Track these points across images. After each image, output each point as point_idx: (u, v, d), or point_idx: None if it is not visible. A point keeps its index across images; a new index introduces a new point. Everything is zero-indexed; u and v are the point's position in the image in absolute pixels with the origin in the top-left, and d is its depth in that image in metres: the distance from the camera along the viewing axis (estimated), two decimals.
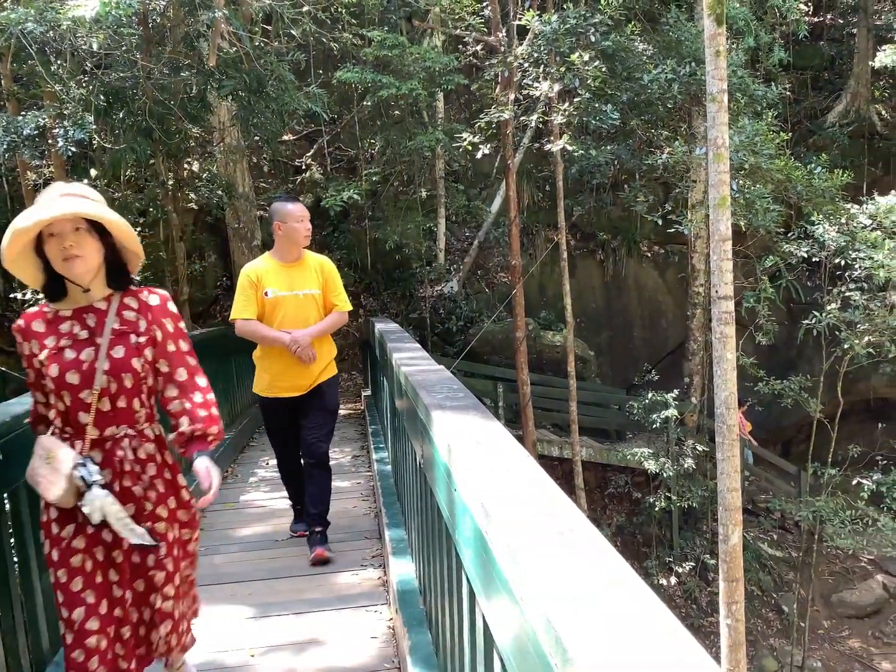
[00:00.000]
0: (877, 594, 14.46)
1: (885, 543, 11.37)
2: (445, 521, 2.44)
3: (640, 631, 1.15)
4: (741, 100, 11.22)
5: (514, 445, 2.25)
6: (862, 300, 11.36)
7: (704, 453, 13.31)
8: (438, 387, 3.27)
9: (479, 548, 1.80)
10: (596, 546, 1.47)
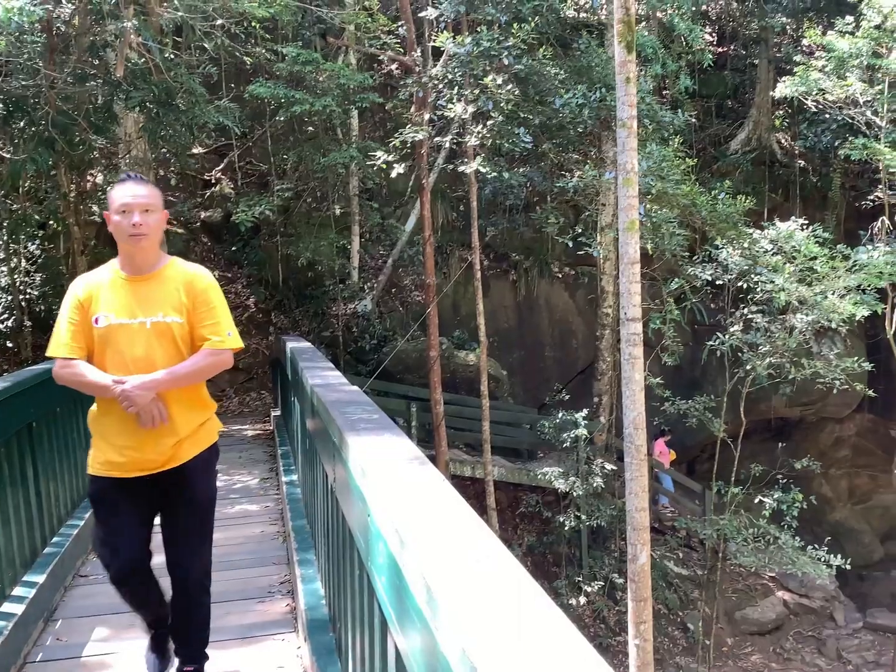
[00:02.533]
0: (778, 610, 14.90)
1: (785, 561, 11.72)
2: (358, 547, 2.38)
3: (555, 660, 1.16)
4: (649, 126, 11.54)
5: (429, 468, 2.21)
6: (763, 322, 11.76)
7: (613, 472, 13.52)
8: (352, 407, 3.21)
9: (393, 576, 1.77)
10: (511, 574, 1.46)
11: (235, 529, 6.41)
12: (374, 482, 2.09)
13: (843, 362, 11.90)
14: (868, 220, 13.05)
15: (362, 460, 2.27)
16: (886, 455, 13.42)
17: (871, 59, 11.28)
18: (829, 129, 15.02)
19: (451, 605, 1.31)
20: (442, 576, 1.42)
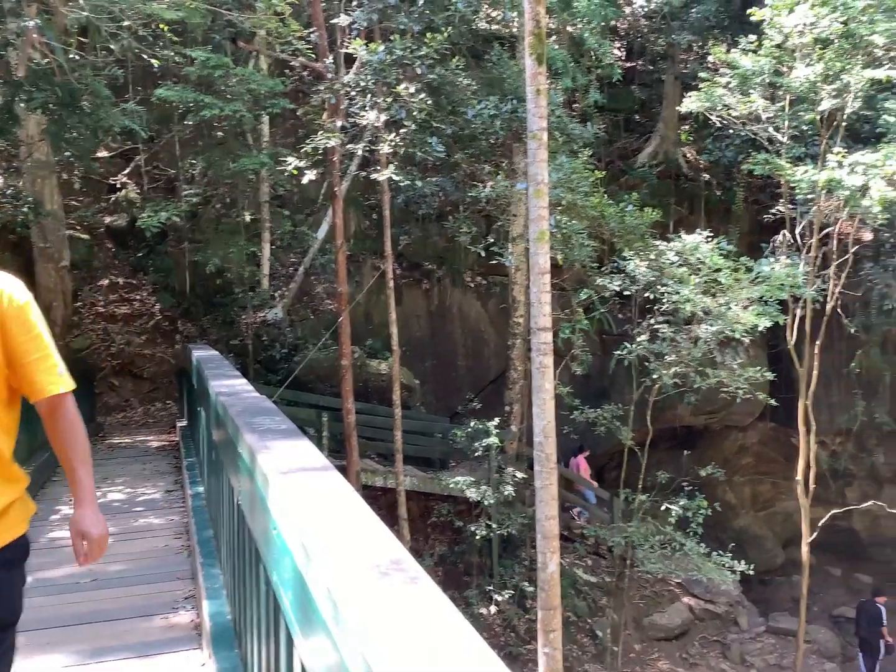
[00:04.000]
0: (684, 616, 15.22)
1: (691, 567, 11.98)
2: (264, 561, 2.30)
3: None
4: (559, 138, 11.70)
5: (337, 479, 2.15)
6: (669, 333, 12.02)
7: (524, 480, 13.60)
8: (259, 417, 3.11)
9: (298, 590, 1.73)
10: (419, 585, 1.44)
11: (138, 543, 6.21)
12: (280, 495, 2.01)
13: (746, 372, 12.26)
14: (770, 234, 13.50)
15: (268, 472, 2.19)
16: (787, 462, 13.89)
17: (772, 76, 11.70)
18: (732, 144, 15.53)
19: (357, 620, 1.28)
20: (348, 591, 1.39)
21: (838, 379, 18.75)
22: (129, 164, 16.70)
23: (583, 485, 16.22)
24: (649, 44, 17.78)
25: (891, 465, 20.26)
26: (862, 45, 11.09)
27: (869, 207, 10.81)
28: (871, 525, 20.22)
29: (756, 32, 11.76)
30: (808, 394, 12.57)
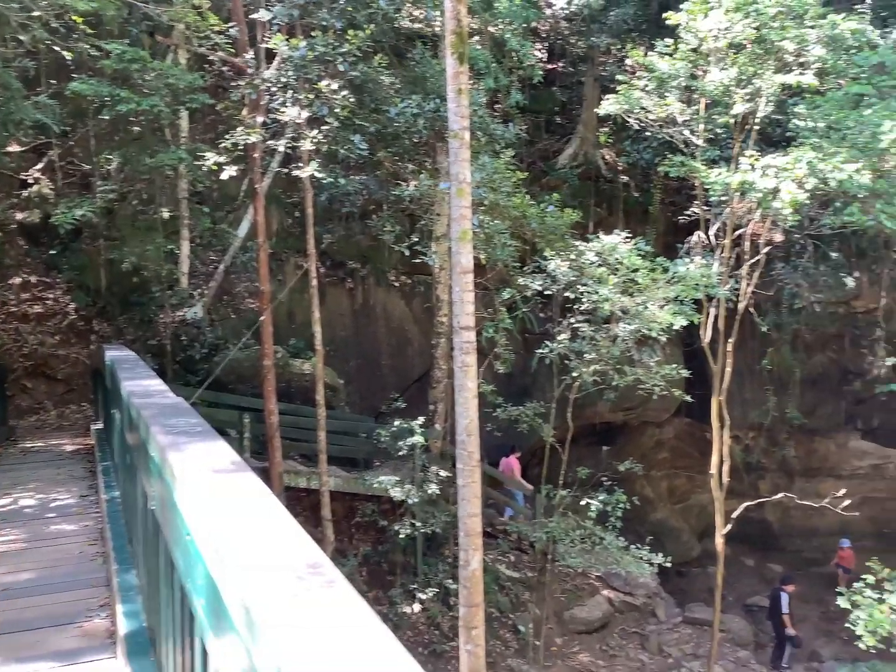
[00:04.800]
0: (604, 609, 15.50)
1: (610, 560, 12.20)
2: (177, 567, 2.25)
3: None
4: (482, 138, 11.77)
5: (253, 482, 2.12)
6: (589, 331, 12.21)
7: (448, 479, 13.64)
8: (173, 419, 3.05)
9: (211, 597, 1.70)
10: (334, 589, 1.42)
11: (51, 550, 6.02)
12: (192, 499, 1.98)
13: (663, 369, 12.54)
14: (685, 234, 13.82)
15: (180, 475, 2.15)
16: (702, 457, 14.27)
17: (688, 80, 11.97)
18: (650, 146, 15.85)
19: (270, 627, 1.27)
20: (261, 597, 1.38)
21: (751, 376, 19.37)
22: (42, 158, 16.15)
23: (512, 486, 16.39)
24: (570, 46, 18.02)
25: (800, 459, 21.05)
26: (773, 50, 11.43)
27: (780, 209, 11.15)
28: (782, 516, 20.95)
29: (672, 36, 12.02)
30: (722, 390, 12.92)
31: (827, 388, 20.77)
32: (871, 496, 21.06)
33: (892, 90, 11.82)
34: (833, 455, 21.54)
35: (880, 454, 21.42)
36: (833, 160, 10.68)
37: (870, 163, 10.98)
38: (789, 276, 16.84)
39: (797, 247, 16.29)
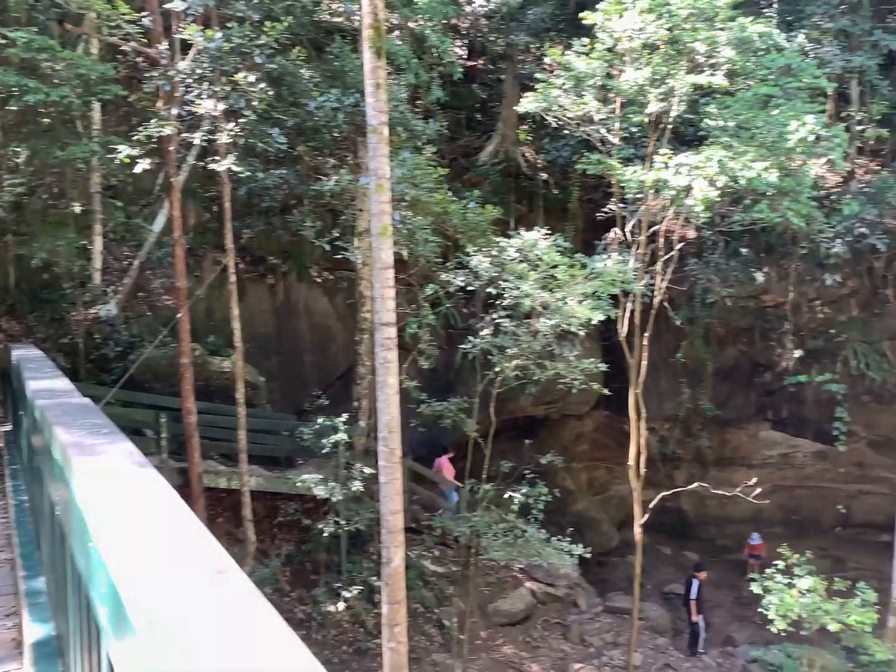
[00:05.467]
0: (527, 601, 15.68)
1: (532, 553, 12.34)
2: (82, 574, 2.19)
3: None
4: (402, 134, 11.74)
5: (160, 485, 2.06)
6: (511, 326, 12.31)
7: (373, 476, 13.59)
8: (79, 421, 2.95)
9: (115, 606, 1.66)
10: (241, 597, 1.40)
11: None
12: (97, 504, 1.92)
13: (582, 363, 12.72)
14: (603, 231, 14.09)
15: (84, 479, 2.08)
16: (621, 448, 14.56)
17: (604, 79, 12.16)
18: (568, 144, 16.06)
19: (173, 635, 1.25)
20: (166, 605, 1.36)
21: (666, 368, 19.84)
22: None
23: (444, 484, 16.44)
24: (489, 43, 18.10)
25: (714, 449, 21.67)
26: (685, 51, 11.70)
27: (692, 206, 11.43)
28: (697, 505, 21.54)
29: (589, 36, 12.19)
30: (639, 383, 13.19)
31: (738, 380, 21.42)
32: (780, 484, 21.81)
33: (797, 92, 12.24)
34: (745, 445, 22.23)
35: (789, 444, 22.19)
36: (742, 159, 11.01)
37: (777, 161, 11.36)
38: (702, 272, 17.29)
39: (709, 243, 16.74)
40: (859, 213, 16.38)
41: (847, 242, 16.71)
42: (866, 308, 18.93)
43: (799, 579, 11.31)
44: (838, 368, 18.58)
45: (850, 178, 17.52)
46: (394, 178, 10.77)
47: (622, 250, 13.01)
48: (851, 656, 14.87)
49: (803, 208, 12.53)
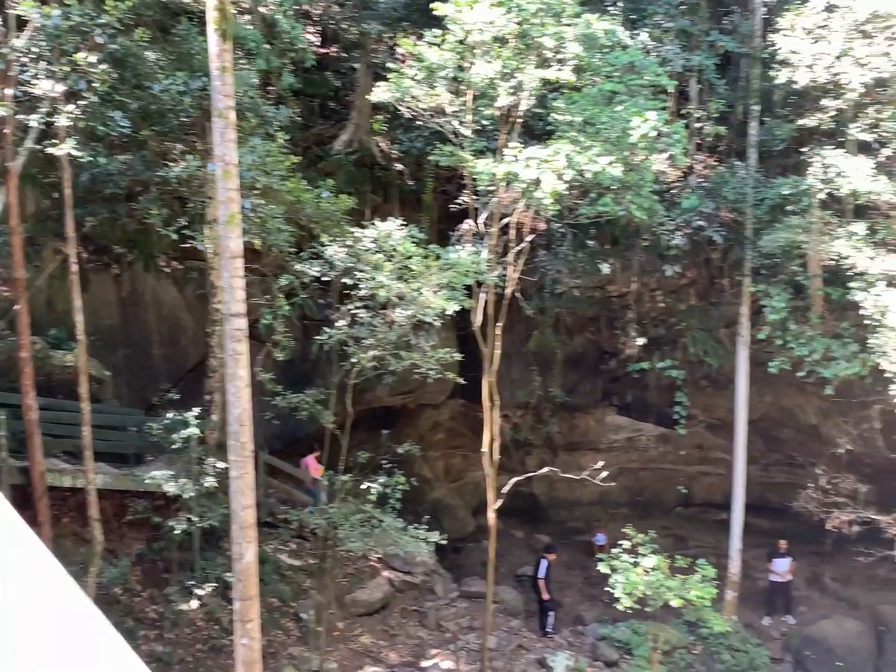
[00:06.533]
0: (384, 590, 15.79)
1: (389, 542, 12.41)
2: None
3: None
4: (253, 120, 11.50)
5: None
6: (367, 317, 12.32)
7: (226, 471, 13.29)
8: None
9: None
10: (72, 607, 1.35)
11: None
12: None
13: (437, 353, 12.88)
14: (457, 222, 14.23)
15: None
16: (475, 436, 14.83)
17: (456, 71, 12.28)
18: (421, 135, 16.15)
19: None
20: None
21: (518, 357, 20.37)
22: None
23: (308, 481, 16.28)
24: (342, 31, 17.94)
25: (563, 434, 22.46)
26: (534, 46, 11.97)
27: (541, 199, 11.73)
28: (548, 489, 22.29)
29: (441, 27, 12.29)
30: (492, 372, 13.47)
31: (586, 368, 22.26)
32: (626, 467, 22.86)
33: (640, 89, 12.76)
34: (592, 430, 23.16)
35: (633, 427, 23.29)
36: (588, 153, 11.39)
37: (621, 156, 11.82)
38: (551, 263, 17.81)
39: (558, 235, 17.22)
40: (698, 206, 17.26)
41: (686, 235, 17.57)
42: (704, 297, 20.03)
43: (643, 558, 11.84)
44: (678, 355, 19.57)
45: (689, 173, 18.42)
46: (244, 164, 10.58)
47: (475, 241, 13.22)
48: (692, 629, 15.83)
49: (645, 202, 13.10)
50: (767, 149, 17.98)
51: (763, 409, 20.81)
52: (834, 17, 14.89)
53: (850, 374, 15.44)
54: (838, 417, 19.96)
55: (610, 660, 15.32)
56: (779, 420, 21.96)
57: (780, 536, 18.67)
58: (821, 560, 20.24)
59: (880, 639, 16.46)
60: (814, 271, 16.68)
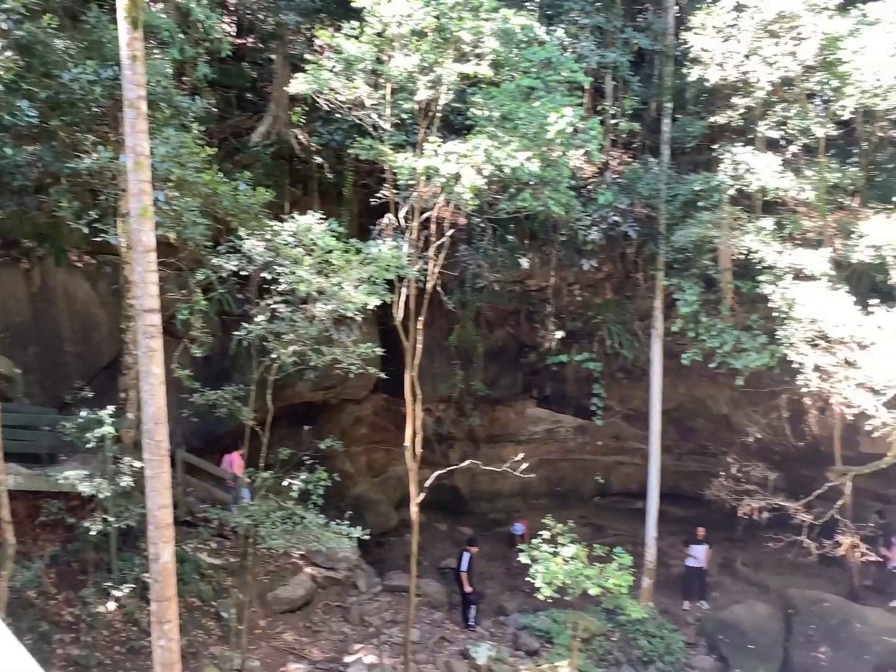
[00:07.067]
0: (307, 586, 15.70)
1: (311, 539, 12.33)
2: None
3: None
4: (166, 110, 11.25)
5: None
6: (287, 312, 12.20)
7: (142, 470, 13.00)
8: None
9: None
10: None
11: None
12: None
13: (359, 348, 12.84)
14: (378, 216, 14.18)
15: None
16: (398, 430, 14.84)
17: (374, 64, 12.22)
18: (341, 128, 16.01)
19: None
20: None
21: (440, 351, 20.47)
22: None
23: (229, 479, 16.05)
24: (259, 21, 17.63)
25: (485, 427, 22.71)
26: (452, 40, 12.00)
27: (461, 194, 11.81)
28: (470, 482, 22.51)
29: (359, 19, 12.22)
30: (414, 366, 13.50)
31: (506, 361, 22.52)
32: (545, 458, 23.26)
33: (557, 85, 12.95)
34: (513, 422, 23.47)
35: (552, 419, 23.70)
36: (507, 148, 11.50)
37: (539, 152, 11.98)
38: (472, 258, 17.91)
39: (478, 230, 17.33)
40: (613, 202, 17.58)
41: (602, 230, 17.88)
42: (619, 291, 20.43)
43: (563, 548, 12.06)
44: (595, 348, 19.93)
45: (605, 169, 18.74)
46: (157, 156, 10.36)
47: (396, 236, 13.22)
48: (611, 617, 16.21)
49: (563, 197, 13.31)
50: (680, 145, 18.43)
51: (677, 399, 21.38)
52: (743, 17, 15.32)
53: (759, 364, 15.96)
54: (748, 407, 20.65)
55: (531, 649, 15.55)
56: (692, 410, 22.62)
57: (694, 524, 19.22)
58: (733, 546, 20.94)
59: (789, 621, 17.07)
60: (724, 265, 17.18)
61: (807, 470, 19.67)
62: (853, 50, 14.39)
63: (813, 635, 16.53)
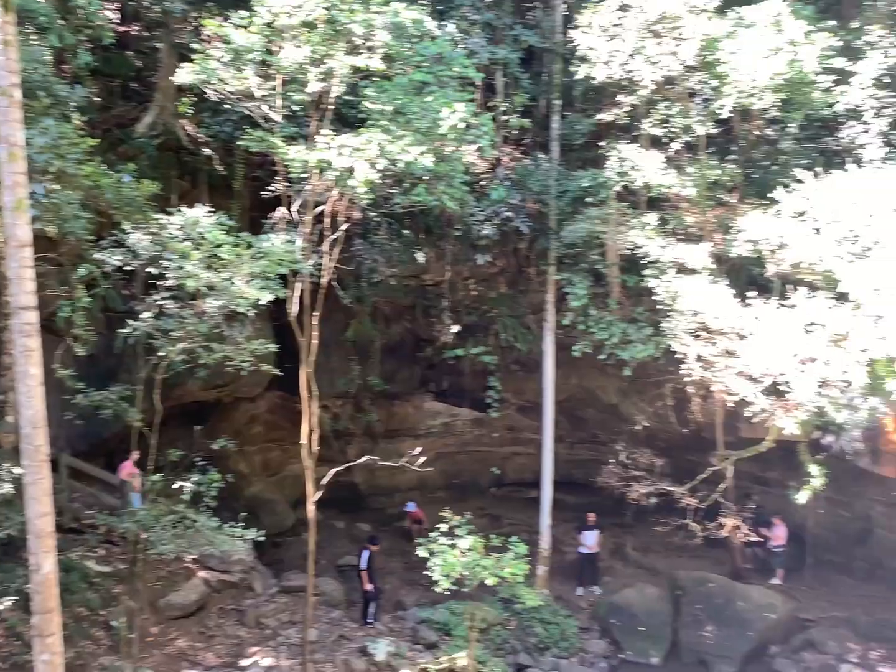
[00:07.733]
0: (200, 591, 15.29)
1: (203, 542, 12.00)
2: None
3: None
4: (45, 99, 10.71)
5: None
6: (175, 308, 11.83)
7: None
8: None
9: None
10: None
11: None
12: None
13: (252, 345, 12.55)
14: (270, 210, 13.86)
15: None
16: (295, 428, 14.56)
17: (264, 55, 11.95)
18: (230, 119, 15.60)
19: None
20: None
21: (337, 347, 20.30)
22: None
23: (131, 490, 15.42)
24: (144, 9, 17.00)
25: (383, 422, 22.67)
26: (343, 32, 11.84)
27: (355, 188, 11.68)
28: (368, 478, 22.42)
29: (248, 8, 11.94)
30: (310, 362, 13.30)
31: (404, 356, 22.53)
32: (443, 451, 23.38)
33: (449, 80, 12.97)
34: (411, 417, 23.51)
35: (449, 413, 23.87)
36: (400, 143, 11.45)
37: (432, 147, 11.97)
38: (367, 252, 17.80)
39: (373, 224, 17.23)
40: (505, 197, 17.78)
41: (495, 225, 18.08)
42: (513, 285, 20.72)
43: (460, 539, 12.14)
44: (490, 341, 20.19)
45: (497, 164, 18.93)
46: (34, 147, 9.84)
47: (289, 230, 12.97)
48: (507, 606, 16.39)
49: (457, 192, 13.34)
50: (569, 142, 18.76)
51: (569, 390, 21.82)
52: (627, 17, 15.70)
53: (645, 355, 16.45)
54: (636, 396, 21.28)
55: (430, 642, 15.59)
56: (583, 400, 23.13)
57: (587, 511, 19.63)
58: (623, 531, 21.50)
59: (677, 602, 17.63)
60: (612, 260, 17.60)
61: (691, 455, 20.36)
62: (731, 51, 14.94)
63: (699, 615, 17.13)
